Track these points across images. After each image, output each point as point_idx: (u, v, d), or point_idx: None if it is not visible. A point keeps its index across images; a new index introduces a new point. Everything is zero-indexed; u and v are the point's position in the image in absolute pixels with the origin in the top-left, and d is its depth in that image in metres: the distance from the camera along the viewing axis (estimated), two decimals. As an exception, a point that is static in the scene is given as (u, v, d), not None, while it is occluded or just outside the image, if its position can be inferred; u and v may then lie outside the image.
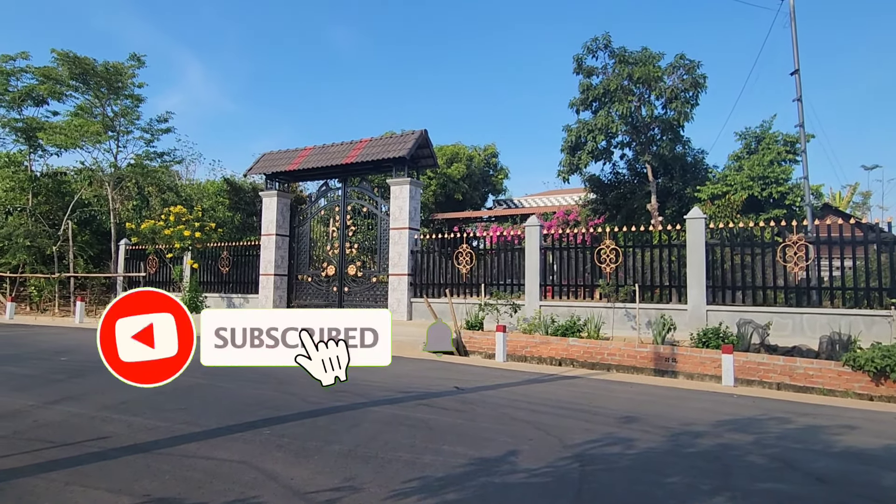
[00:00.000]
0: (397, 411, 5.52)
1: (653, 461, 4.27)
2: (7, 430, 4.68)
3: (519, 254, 13.62)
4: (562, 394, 6.93)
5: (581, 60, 16.39)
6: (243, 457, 4.07)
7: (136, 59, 22.80)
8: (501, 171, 29.49)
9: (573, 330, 10.10)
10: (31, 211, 22.63)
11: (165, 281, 19.18)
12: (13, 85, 23.48)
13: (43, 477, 3.65)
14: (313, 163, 16.25)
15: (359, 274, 15.86)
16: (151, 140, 24.06)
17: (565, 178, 17.04)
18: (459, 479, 3.73)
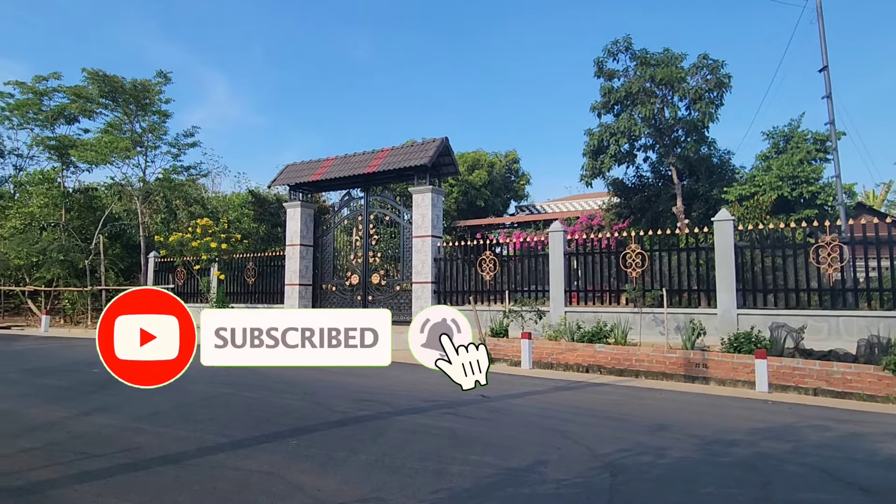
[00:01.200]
0: (423, 420, 5.49)
1: (686, 471, 4.15)
2: (43, 441, 4.77)
3: (543, 260, 13.51)
4: (590, 401, 6.81)
5: (602, 64, 16.28)
6: (271, 467, 4.07)
7: (162, 75, 23.35)
8: (523, 176, 29.39)
9: (600, 336, 9.95)
10: (64, 226, 23.25)
11: (193, 292, 19.50)
12: (46, 104, 24.26)
13: (76, 488, 3.70)
14: (336, 173, 16.38)
15: (382, 282, 15.90)
16: (178, 154, 24.58)
17: (588, 182, 16.89)
18: (488, 489, 3.67)
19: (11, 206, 24.67)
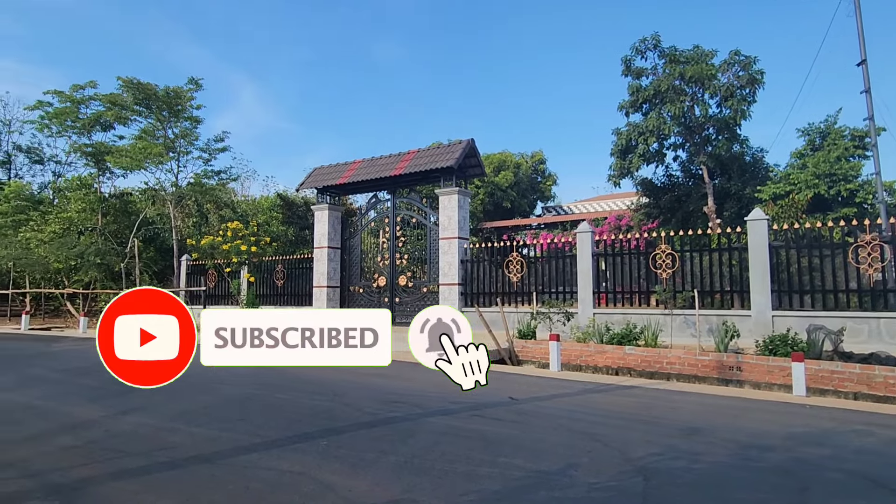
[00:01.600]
0: (452, 422, 5.48)
1: (720, 475, 4.06)
2: (82, 439, 4.91)
3: (570, 261, 13.39)
4: (620, 404, 6.72)
5: (629, 62, 16.09)
6: (302, 468, 4.12)
7: (194, 82, 23.88)
8: (549, 177, 29.21)
9: (629, 338, 9.82)
10: (100, 230, 23.94)
11: (224, 294, 19.87)
12: (83, 112, 25.03)
13: (115, 486, 3.80)
14: (362, 175, 16.52)
15: (409, 284, 15.96)
16: (209, 159, 25.12)
17: (616, 182, 16.72)
18: (518, 491, 3.65)
19: (51, 212, 25.49)
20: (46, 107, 25.12)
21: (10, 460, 4.33)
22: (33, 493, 3.65)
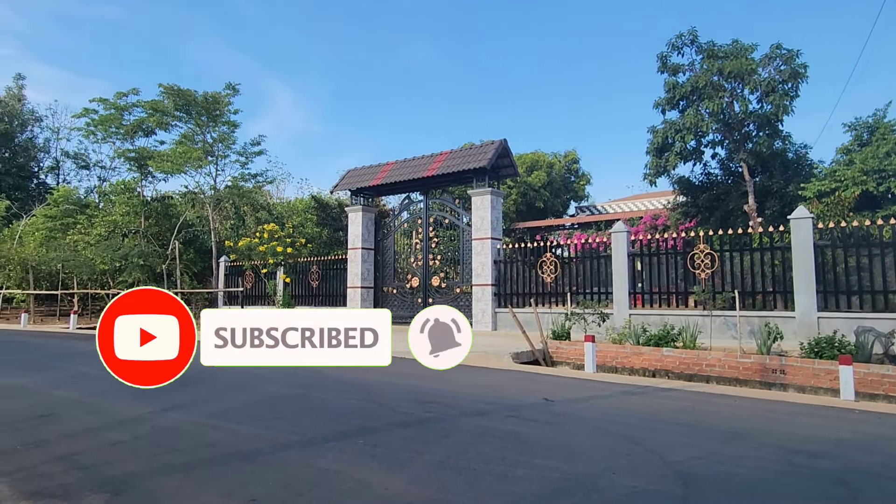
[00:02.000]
0: (486, 423, 5.47)
1: (766, 482, 3.94)
2: (129, 434, 5.08)
3: (605, 261, 13.21)
4: (658, 407, 6.59)
5: (666, 58, 15.78)
6: (340, 465, 4.17)
7: (231, 87, 24.48)
8: (583, 177, 28.89)
9: (667, 339, 9.62)
10: (143, 233, 24.74)
11: (261, 295, 20.28)
12: (126, 119, 25.91)
13: (160, 481, 3.91)
14: (395, 177, 16.64)
15: (442, 285, 16.01)
16: (246, 163, 25.70)
17: (652, 181, 16.41)
18: (554, 494, 3.62)
19: (97, 215, 26.47)
20: (92, 114, 26.14)
21: (63, 454, 4.52)
22: (86, 486, 3.79)
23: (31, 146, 38.51)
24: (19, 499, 3.60)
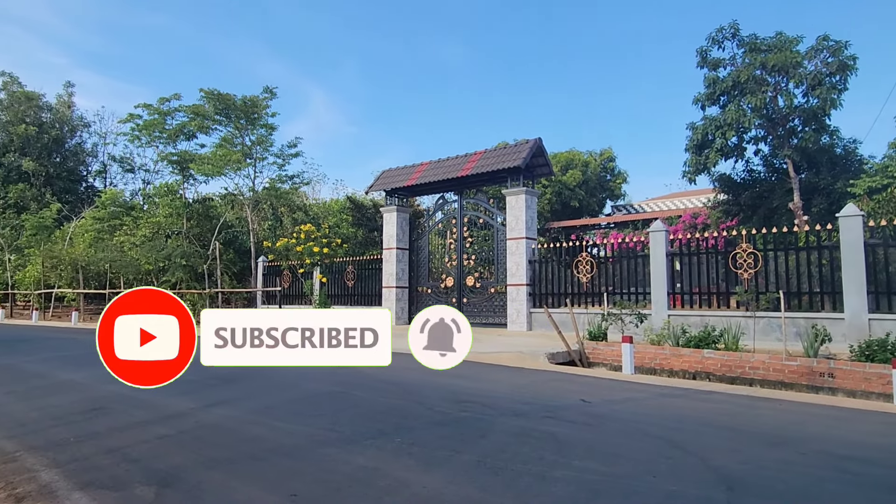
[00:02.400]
0: (523, 423, 5.44)
1: (815, 489, 3.81)
2: (175, 429, 5.24)
3: (642, 261, 12.98)
4: (699, 409, 6.44)
5: (706, 53, 15.41)
6: (378, 463, 4.21)
7: (269, 91, 24.98)
8: (619, 175, 28.44)
9: (708, 341, 9.39)
10: (185, 234, 25.46)
11: (298, 294, 20.62)
12: (169, 123, 26.74)
13: (205, 474, 4.03)
14: (429, 177, 16.70)
15: (477, 285, 15.99)
16: (283, 164, 26.21)
17: (691, 179, 16.05)
18: (593, 496, 3.58)
19: (142, 217, 27.38)
20: (137, 119, 27.07)
21: (114, 446, 4.69)
22: (135, 478, 3.93)
23: (80, 151, 40.15)
24: (73, 489, 3.76)
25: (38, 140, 36.31)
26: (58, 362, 10.09)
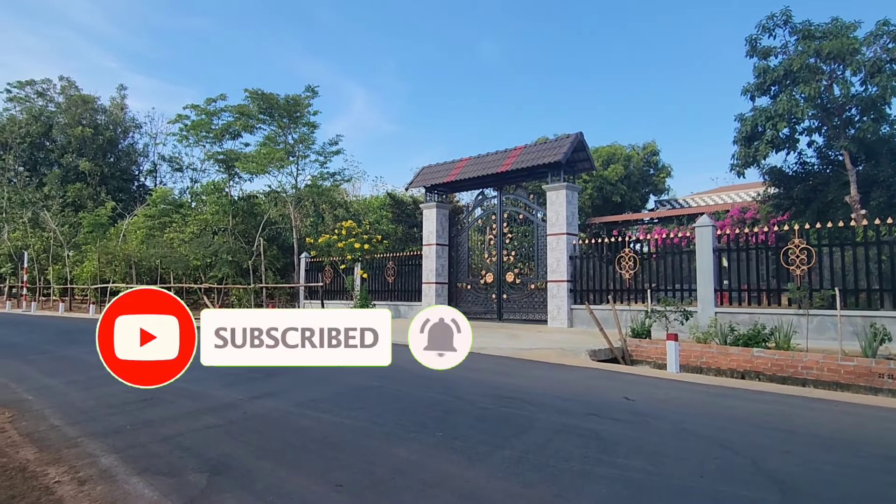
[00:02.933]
0: (565, 420, 5.39)
1: (873, 494, 3.64)
2: (224, 419, 5.41)
3: (688, 257, 12.65)
4: (748, 410, 6.23)
5: (755, 41, 14.84)
6: (419, 457, 4.24)
7: (310, 90, 25.40)
8: (663, 169, 27.76)
9: (757, 339, 9.08)
10: (231, 230, 26.18)
11: (339, 290, 20.95)
12: (215, 123, 27.51)
13: (253, 463, 4.14)
14: (469, 173, 16.68)
15: (516, 281, 15.90)
16: (324, 162, 26.62)
17: (740, 172, 15.50)
18: (638, 494, 3.51)
19: (190, 214, 28.29)
20: (185, 120, 27.97)
21: (167, 435, 4.88)
22: (188, 466, 4.08)
23: (132, 151, 41.82)
24: (131, 474, 3.92)
25: (94, 141, 37.97)
26: (114, 353, 10.53)
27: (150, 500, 3.48)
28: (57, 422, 5.43)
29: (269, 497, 3.49)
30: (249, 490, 3.61)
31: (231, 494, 3.54)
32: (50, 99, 40.22)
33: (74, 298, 29.85)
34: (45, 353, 10.73)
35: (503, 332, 13.10)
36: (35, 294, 30.62)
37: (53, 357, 10.15)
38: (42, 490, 3.69)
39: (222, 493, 3.55)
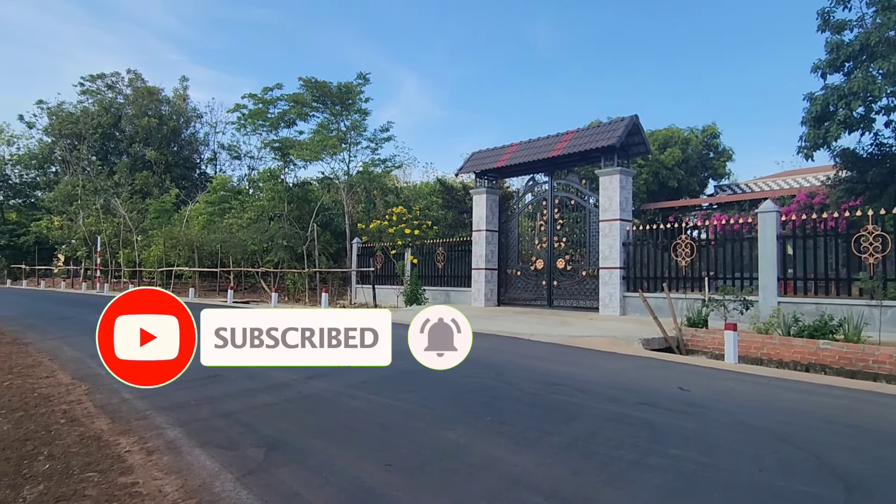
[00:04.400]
0: (616, 409, 5.30)
1: (952, 496, 3.42)
2: (280, 398, 5.61)
3: (749, 244, 12.13)
4: (812, 404, 5.95)
5: (828, 14, 13.95)
6: (467, 440, 4.28)
7: (362, 77, 25.65)
8: (724, 153, 26.61)
9: (824, 331, 8.65)
10: (286, 216, 26.91)
11: (390, 275, 21.23)
12: (271, 112, 28.21)
13: (307, 440, 4.29)
14: (520, 158, 16.49)
15: (567, 267, 15.68)
16: (376, 149, 26.90)
17: (808, 155, 14.69)
18: (692, 486, 3.43)
19: (247, 201, 29.25)
20: (243, 109, 28.79)
21: (227, 410, 5.11)
22: (246, 440, 4.26)
23: (193, 140, 43.60)
24: (194, 447, 4.13)
25: (159, 131, 39.78)
26: (178, 333, 11.08)
27: (211, 471, 3.66)
28: (127, 395, 5.77)
29: (322, 473, 3.60)
30: (304, 465, 3.74)
31: (287, 469, 3.67)
32: (119, 91, 42.36)
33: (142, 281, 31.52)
34: (116, 331, 11.39)
35: (553, 319, 12.98)
36: (107, 276, 32.53)
37: (124, 335, 10.76)
38: (115, 458, 3.94)
39: (279, 468, 3.70)
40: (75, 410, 5.22)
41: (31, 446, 4.19)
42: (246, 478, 3.53)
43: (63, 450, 4.12)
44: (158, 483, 3.49)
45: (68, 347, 9.16)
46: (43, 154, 42.84)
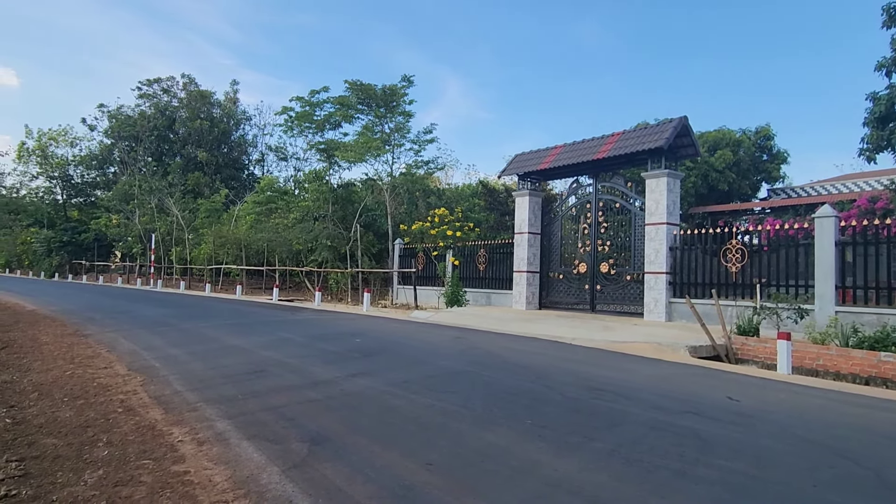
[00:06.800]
0: (661, 416, 5.18)
1: None
2: (323, 394, 5.72)
3: (804, 250, 11.63)
4: (873, 419, 5.67)
5: (893, 10, 13.27)
6: (508, 442, 4.26)
7: (406, 79, 25.87)
8: (778, 155, 25.60)
9: (887, 342, 8.22)
10: (330, 217, 27.38)
11: (431, 276, 21.33)
12: (317, 114, 28.78)
13: (350, 437, 4.36)
14: (563, 161, 16.31)
15: (611, 272, 15.40)
16: (419, 150, 27.07)
17: (870, 157, 14.00)
18: (739, 497, 3.32)
19: (293, 201, 29.91)
20: (290, 111, 29.47)
21: (273, 405, 5.25)
22: (291, 435, 4.37)
23: (242, 142, 44.96)
24: (242, 439, 4.27)
25: (210, 133, 41.18)
26: (226, 329, 11.45)
27: (258, 463, 3.77)
28: (179, 387, 6.00)
29: (364, 469, 3.66)
30: (346, 461, 3.80)
31: (330, 464, 3.75)
32: (173, 95, 44.10)
33: (193, 277, 32.65)
34: (169, 325, 11.86)
35: (596, 324, 12.77)
36: (160, 272, 33.86)
37: (176, 329, 11.19)
38: (168, 447, 4.11)
39: (322, 463, 3.78)
40: (131, 400, 5.47)
41: (92, 433, 4.41)
42: (291, 471, 3.62)
43: (120, 437, 4.31)
44: (208, 473, 3.62)
45: (125, 340, 9.59)
46: (103, 155, 45.08)
